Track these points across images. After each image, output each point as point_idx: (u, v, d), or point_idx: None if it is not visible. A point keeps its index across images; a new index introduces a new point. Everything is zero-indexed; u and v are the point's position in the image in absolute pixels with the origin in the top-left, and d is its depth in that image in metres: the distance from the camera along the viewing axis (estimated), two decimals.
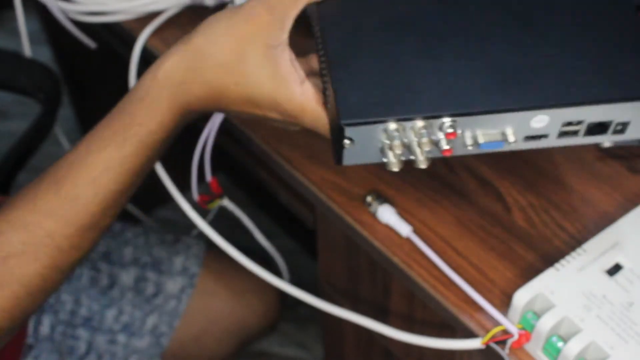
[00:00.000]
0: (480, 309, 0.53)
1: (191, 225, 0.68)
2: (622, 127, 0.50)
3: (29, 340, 0.81)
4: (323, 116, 0.50)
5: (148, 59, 0.76)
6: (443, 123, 0.47)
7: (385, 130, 0.47)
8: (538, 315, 0.50)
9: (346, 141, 0.48)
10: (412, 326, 0.57)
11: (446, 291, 0.55)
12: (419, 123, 0.47)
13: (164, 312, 0.90)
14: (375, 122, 0.47)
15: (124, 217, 1.30)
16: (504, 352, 0.51)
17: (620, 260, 0.52)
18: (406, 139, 0.48)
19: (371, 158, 0.50)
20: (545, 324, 0.49)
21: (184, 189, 0.66)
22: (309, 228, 0.75)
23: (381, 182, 0.62)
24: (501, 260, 0.57)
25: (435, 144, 0.48)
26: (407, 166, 0.50)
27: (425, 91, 0.48)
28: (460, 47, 0.49)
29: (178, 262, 0.92)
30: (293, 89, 0.49)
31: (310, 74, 0.53)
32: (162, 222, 1.24)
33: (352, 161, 0.50)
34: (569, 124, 0.49)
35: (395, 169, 0.49)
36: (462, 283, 0.54)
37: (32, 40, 0.91)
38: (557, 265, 0.52)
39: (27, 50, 0.92)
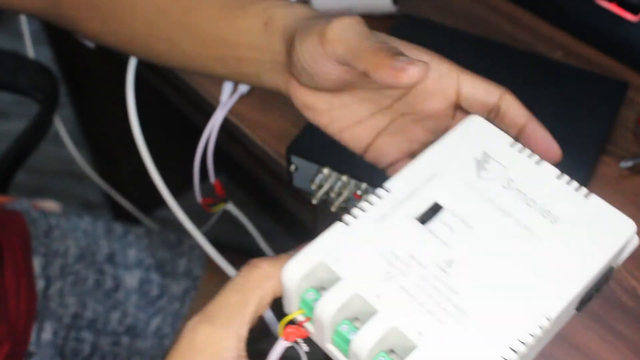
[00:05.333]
0: None
1: None
2: None
3: (31, 347, 0.80)
4: None
5: None
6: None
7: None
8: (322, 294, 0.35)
9: None
10: None
11: None
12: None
13: (168, 313, 0.90)
14: None
15: (126, 218, 1.30)
16: None
17: (439, 198, 0.37)
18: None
19: None
20: (325, 308, 0.34)
21: (187, 189, 0.66)
22: (309, 228, 0.75)
23: None
24: None
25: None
26: None
27: None
28: None
29: (181, 264, 0.92)
30: None
31: None
32: (163, 223, 1.25)
33: None
34: None
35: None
36: None
37: (33, 41, 0.91)
38: (346, 217, 0.36)
39: (30, 51, 0.92)
